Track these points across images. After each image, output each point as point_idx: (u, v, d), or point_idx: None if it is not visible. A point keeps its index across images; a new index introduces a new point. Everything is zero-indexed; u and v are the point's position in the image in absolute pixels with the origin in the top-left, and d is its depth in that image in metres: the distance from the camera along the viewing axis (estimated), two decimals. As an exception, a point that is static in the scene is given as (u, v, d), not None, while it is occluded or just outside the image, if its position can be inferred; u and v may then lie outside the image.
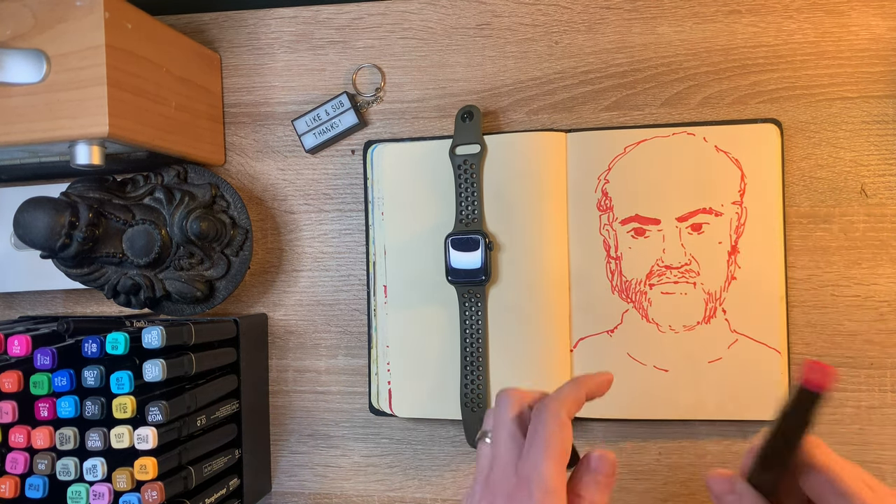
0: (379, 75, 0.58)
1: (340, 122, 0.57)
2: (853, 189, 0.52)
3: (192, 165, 0.56)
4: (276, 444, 0.59)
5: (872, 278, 0.51)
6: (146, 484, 0.44)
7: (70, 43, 0.45)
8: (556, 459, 0.36)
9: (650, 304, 0.52)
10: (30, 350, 0.46)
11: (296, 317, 0.59)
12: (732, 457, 0.53)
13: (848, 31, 0.52)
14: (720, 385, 0.51)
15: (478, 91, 0.56)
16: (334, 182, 0.59)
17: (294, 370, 0.59)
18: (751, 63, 0.53)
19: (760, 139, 0.51)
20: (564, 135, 0.54)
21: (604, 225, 0.53)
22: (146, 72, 0.49)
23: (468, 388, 0.54)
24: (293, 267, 0.59)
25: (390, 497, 0.57)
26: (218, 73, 0.60)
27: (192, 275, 0.55)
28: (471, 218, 0.54)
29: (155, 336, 0.46)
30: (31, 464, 0.46)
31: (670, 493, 0.54)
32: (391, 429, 0.58)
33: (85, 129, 0.45)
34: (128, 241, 0.53)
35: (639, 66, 0.54)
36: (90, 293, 0.63)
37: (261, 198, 0.60)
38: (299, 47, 0.59)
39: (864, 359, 0.52)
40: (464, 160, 0.54)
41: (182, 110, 0.53)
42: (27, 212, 0.49)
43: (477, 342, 0.54)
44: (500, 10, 0.56)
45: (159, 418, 0.45)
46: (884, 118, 0.51)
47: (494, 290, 0.54)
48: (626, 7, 0.55)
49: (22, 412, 0.46)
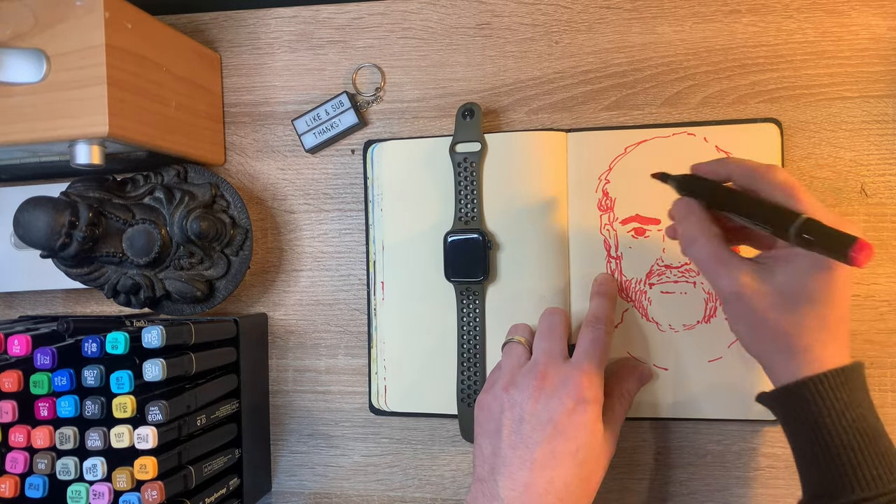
0: (379, 75, 0.58)
1: (340, 121, 0.57)
2: (853, 189, 0.52)
3: (192, 165, 0.56)
4: (276, 444, 0.59)
5: (872, 278, 0.51)
6: (146, 483, 0.44)
7: (70, 42, 0.45)
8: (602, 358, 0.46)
9: (650, 303, 0.52)
10: (30, 350, 0.46)
11: (296, 316, 0.59)
12: (733, 457, 0.53)
13: (848, 31, 0.52)
14: (720, 385, 0.51)
15: (478, 91, 0.56)
16: (334, 182, 0.59)
17: (294, 370, 0.59)
18: (751, 63, 0.53)
19: (760, 139, 0.51)
20: (565, 134, 0.54)
21: (604, 225, 0.53)
22: (146, 71, 0.49)
23: (465, 384, 0.54)
24: (293, 267, 0.59)
25: (390, 497, 0.57)
26: (218, 72, 0.60)
27: (192, 274, 0.55)
28: (470, 216, 0.54)
29: (155, 336, 0.46)
30: (31, 463, 0.46)
31: (670, 493, 0.54)
32: (391, 428, 0.58)
33: (85, 128, 0.45)
34: (128, 240, 0.53)
35: (639, 65, 0.54)
36: (90, 293, 0.63)
37: (261, 197, 0.60)
38: (299, 47, 0.59)
39: (864, 359, 0.51)
40: (464, 158, 0.54)
41: (182, 110, 0.53)
42: (27, 211, 0.49)
43: (474, 339, 0.54)
44: (500, 10, 0.56)
45: (159, 418, 0.45)
46: (884, 118, 0.51)
47: (493, 288, 0.54)
48: (625, 7, 0.55)
49: (22, 412, 0.46)
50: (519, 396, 0.44)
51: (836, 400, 0.39)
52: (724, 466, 0.53)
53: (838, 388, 0.39)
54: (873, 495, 0.38)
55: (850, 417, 0.39)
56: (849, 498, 0.38)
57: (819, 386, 0.39)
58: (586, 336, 0.46)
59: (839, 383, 0.39)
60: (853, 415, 0.39)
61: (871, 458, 0.38)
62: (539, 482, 0.42)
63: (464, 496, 0.56)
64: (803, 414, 0.40)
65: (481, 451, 0.45)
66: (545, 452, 0.42)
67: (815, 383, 0.40)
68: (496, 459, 0.43)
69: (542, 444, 0.42)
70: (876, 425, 0.40)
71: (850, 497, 0.38)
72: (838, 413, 0.39)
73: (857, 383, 0.40)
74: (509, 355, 0.47)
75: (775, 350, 0.41)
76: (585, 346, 0.46)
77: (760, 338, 0.42)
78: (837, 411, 0.39)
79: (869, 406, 0.40)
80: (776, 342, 0.41)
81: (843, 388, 0.39)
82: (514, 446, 0.43)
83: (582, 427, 0.42)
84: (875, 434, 0.39)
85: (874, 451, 0.38)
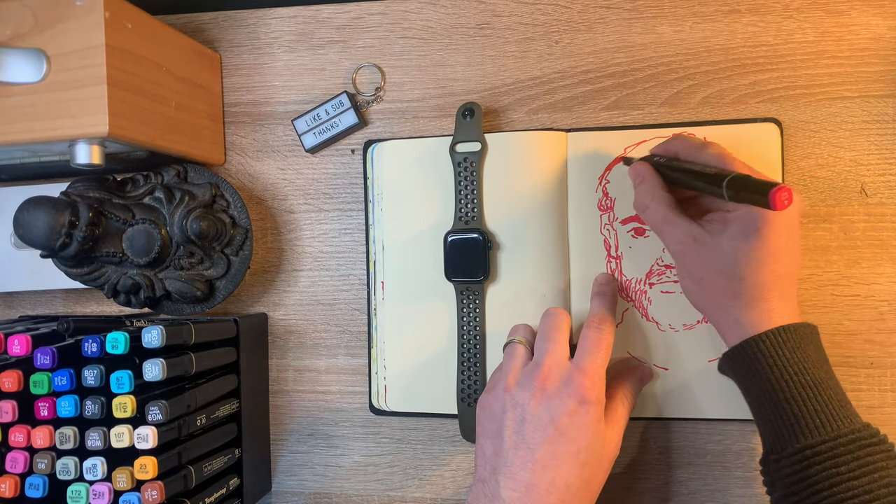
0: (379, 75, 0.58)
1: (340, 121, 0.57)
2: (853, 188, 0.52)
3: (192, 165, 0.56)
4: (276, 444, 0.59)
5: (872, 278, 0.51)
6: (146, 483, 0.44)
7: (70, 42, 0.45)
8: (604, 359, 0.46)
9: (650, 303, 0.52)
10: (30, 350, 0.46)
11: (296, 316, 0.59)
12: (733, 457, 0.53)
13: (848, 31, 0.52)
14: (720, 384, 0.51)
15: (478, 90, 0.56)
16: (334, 181, 0.59)
17: (294, 370, 0.59)
18: (750, 62, 0.53)
19: (760, 139, 0.51)
20: (565, 134, 0.54)
21: (604, 224, 0.53)
22: (146, 71, 0.49)
23: (465, 383, 0.54)
24: (293, 266, 0.59)
25: (390, 497, 0.57)
26: (218, 72, 0.60)
27: (192, 274, 0.55)
28: (470, 216, 0.54)
29: (155, 335, 0.46)
30: (31, 463, 0.46)
31: (670, 492, 0.54)
32: (391, 428, 0.58)
33: (85, 128, 0.45)
34: (128, 240, 0.53)
35: (639, 65, 0.54)
36: (90, 293, 0.63)
37: (261, 197, 0.60)
38: (299, 47, 0.59)
39: (864, 358, 0.52)
40: (464, 157, 0.54)
41: (182, 110, 0.53)
42: (27, 211, 0.49)
43: (474, 339, 0.54)
44: (500, 10, 0.56)
45: (159, 418, 0.45)
46: (884, 118, 0.51)
47: (493, 288, 0.54)
48: (625, 7, 0.55)
49: (22, 412, 0.46)
50: (521, 397, 0.44)
51: (778, 357, 0.42)
52: (724, 466, 0.53)
53: (779, 346, 0.42)
54: (816, 443, 0.40)
55: (793, 371, 0.42)
56: (794, 447, 0.41)
57: (760, 345, 0.42)
58: (588, 336, 0.46)
59: (780, 342, 0.42)
60: (795, 369, 0.42)
61: (815, 408, 0.41)
62: (541, 483, 0.42)
63: (464, 496, 0.56)
64: (750, 373, 0.43)
65: (483, 452, 0.45)
66: (547, 453, 0.42)
67: (756, 343, 0.43)
68: (498, 460, 0.43)
69: (544, 445, 0.42)
70: (821, 378, 0.42)
71: (794, 446, 0.41)
72: (780, 368, 0.42)
73: (800, 341, 0.42)
74: (511, 356, 0.47)
75: (717, 307, 0.45)
76: (587, 347, 0.46)
77: (702, 295, 0.46)
78: (780, 367, 0.42)
79: (815, 362, 0.42)
80: (716, 301, 0.44)
81: (785, 345, 0.42)
82: (516, 447, 0.43)
83: (584, 428, 0.43)
84: (819, 386, 0.41)
85: (818, 402, 0.41)
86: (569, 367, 0.45)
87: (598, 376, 0.44)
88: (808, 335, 0.43)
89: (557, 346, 0.46)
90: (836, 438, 0.40)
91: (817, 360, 0.43)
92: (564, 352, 0.46)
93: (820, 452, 0.40)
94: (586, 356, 0.45)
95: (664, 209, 0.46)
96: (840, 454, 0.40)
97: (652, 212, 0.47)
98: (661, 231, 0.47)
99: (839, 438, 0.40)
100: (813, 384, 0.41)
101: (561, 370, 0.45)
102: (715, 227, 0.45)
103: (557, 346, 0.46)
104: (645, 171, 0.48)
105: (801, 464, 0.40)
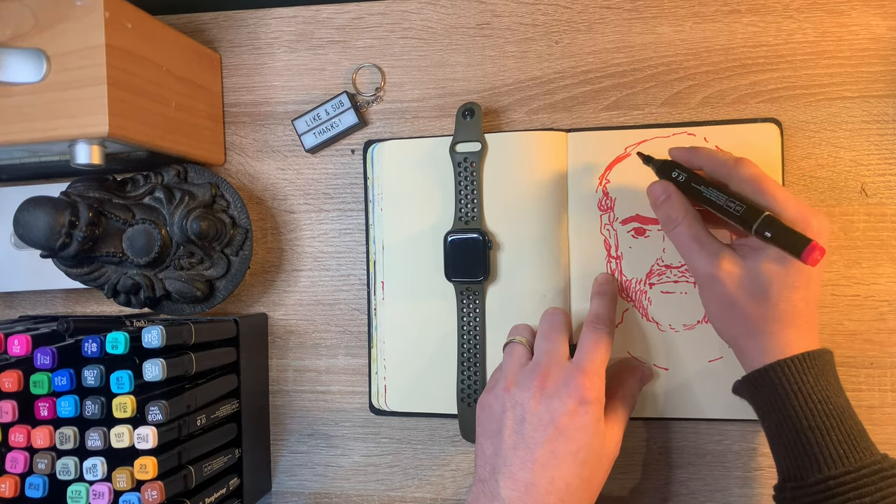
0: (379, 75, 0.58)
1: (340, 121, 0.57)
2: (853, 188, 0.52)
3: (192, 165, 0.56)
4: (276, 444, 0.59)
5: (872, 278, 0.51)
6: (146, 483, 0.44)
7: (70, 42, 0.45)
8: (604, 359, 0.45)
9: (650, 303, 0.52)
10: (30, 350, 0.46)
11: (296, 316, 0.59)
12: (733, 457, 0.53)
13: (848, 31, 0.52)
14: (720, 384, 0.51)
15: (478, 91, 0.56)
16: (334, 181, 0.59)
17: (294, 370, 0.59)
18: (751, 63, 0.53)
19: (760, 139, 0.51)
20: (565, 134, 0.54)
21: (604, 224, 0.53)
22: (146, 71, 0.49)
23: (465, 384, 0.54)
24: (293, 266, 0.59)
25: (390, 497, 0.57)
26: (218, 72, 0.60)
27: (192, 274, 0.55)
28: (470, 216, 0.54)
29: (155, 336, 0.46)
30: (31, 463, 0.46)
31: (670, 492, 0.54)
32: (391, 428, 0.58)
33: (85, 128, 0.45)
34: (128, 240, 0.53)
35: (639, 65, 0.54)
36: (90, 293, 0.63)
37: (261, 197, 0.60)
38: (299, 47, 0.59)
39: (864, 358, 0.52)
40: (464, 158, 0.54)
41: (182, 110, 0.53)
42: (27, 211, 0.49)
43: (474, 339, 0.54)
44: (500, 10, 0.56)
45: (159, 418, 0.45)
46: (884, 118, 0.51)
47: (493, 288, 0.54)
48: (625, 7, 0.55)
49: (22, 412, 0.46)
50: (521, 397, 0.44)
51: (803, 384, 0.41)
52: (724, 466, 0.53)
53: (804, 372, 0.41)
54: (839, 473, 0.40)
55: (817, 400, 0.41)
56: (817, 476, 0.40)
57: (785, 370, 0.42)
58: (588, 336, 0.46)
59: (805, 368, 0.42)
60: (819, 397, 0.41)
61: (838, 438, 0.40)
62: (540, 482, 0.42)
63: (464, 496, 0.56)
64: (772, 398, 0.42)
65: (483, 452, 0.45)
66: (546, 453, 0.42)
67: (780, 368, 0.42)
68: (497, 460, 0.43)
69: (544, 445, 0.42)
70: (842, 406, 0.41)
71: (818, 475, 0.40)
72: (805, 396, 0.41)
73: (823, 368, 0.42)
74: (511, 356, 0.47)
75: (744, 334, 0.44)
76: (587, 347, 0.46)
77: (730, 321, 0.44)
78: (804, 394, 0.41)
79: (836, 390, 0.42)
80: (745, 326, 0.44)
81: (809, 372, 0.41)
82: (516, 446, 0.43)
83: (583, 428, 0.43)
84: (841, 415, 0.41)
85: (841, 432, 0.40)
86: (568, 366, 0.45)
87: (597, 376, 0.44)
88: (829, 361, 0.43)
89: (557, 345, 0.46)
90: (859, 469, 0.40)
91: (837, 387, 0.43)
92: (564, 351, 0.46)
93: (844, 483, 0.40)
94: (586, 356, 0.45)
95: (696, 228, 0.45)
96: (863, 485, 0.39)
97: (682, 230, 0.45)
98: (690, 250, 0.45)
99: (862, 469, 0.40)
100: (836, 414, 0.41)
101: (561, 370, 0.45)
102: (746, 252, 0.44)
103: (557, 345, 0.46)
104: (670, 189, 0.46)
105: (823, 493, 0.40)
